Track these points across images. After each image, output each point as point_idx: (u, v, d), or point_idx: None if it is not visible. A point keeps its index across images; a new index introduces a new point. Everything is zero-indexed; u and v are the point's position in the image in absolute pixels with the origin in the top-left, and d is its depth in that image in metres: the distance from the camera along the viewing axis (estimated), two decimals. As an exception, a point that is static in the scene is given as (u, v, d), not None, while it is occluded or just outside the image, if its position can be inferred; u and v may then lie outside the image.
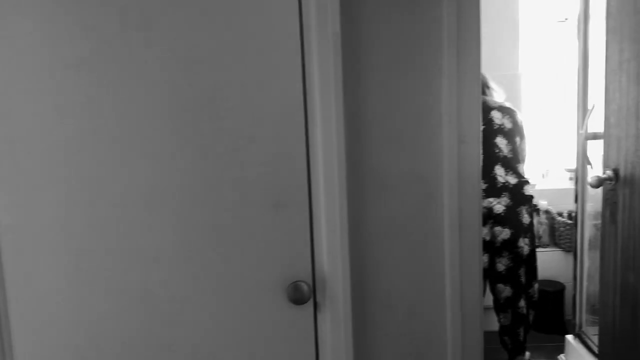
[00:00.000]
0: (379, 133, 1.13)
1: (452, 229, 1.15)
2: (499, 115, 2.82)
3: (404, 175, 1.14)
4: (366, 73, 1.11)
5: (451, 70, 1.09)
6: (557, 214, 3.62)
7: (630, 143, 1.82)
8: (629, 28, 1.79)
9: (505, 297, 2.81)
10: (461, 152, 1.12)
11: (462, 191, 1.14)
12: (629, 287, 1.88)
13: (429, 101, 1.12)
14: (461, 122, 1.11)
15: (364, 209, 1.15)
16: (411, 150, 1.13)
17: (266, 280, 1.15)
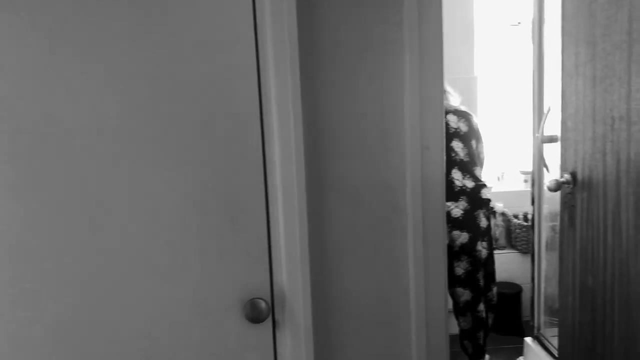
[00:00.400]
0: (340, 141, 1.07)
1: (416, 237, 1.10)
2: (455, 118, 2.81)
3: (367, 184, 1.08)
4: (325, 79, 1.05)
5: (413, 74, 1.04)
6: (513, 216, 3.66)
7: (588, 146, 1.82)
8: (585, 31, 1.79)
9: (465, 301, 2.80)
10: (424, 159, 1.07)
11: (426, 198, 1.09)
12: (588, 289, 1.88)
13: (392, 107, 1.07)
14: (424, 128, 1.06)
15: (325, 220, 1.09)
16: (374, 158, 1.08)
17: (221, 298, 1.08)
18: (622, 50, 1.62)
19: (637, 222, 1.61)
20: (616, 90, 1.66)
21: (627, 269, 1.67)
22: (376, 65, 1.06)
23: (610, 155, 1.71)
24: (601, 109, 1.74)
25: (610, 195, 1.73)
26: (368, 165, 1.08)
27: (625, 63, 1.61)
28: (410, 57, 1.04)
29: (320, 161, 1.07)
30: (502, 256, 3.58)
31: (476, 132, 2.89)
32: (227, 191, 1.04)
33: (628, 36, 1.60)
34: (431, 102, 1.06)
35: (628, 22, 1.60)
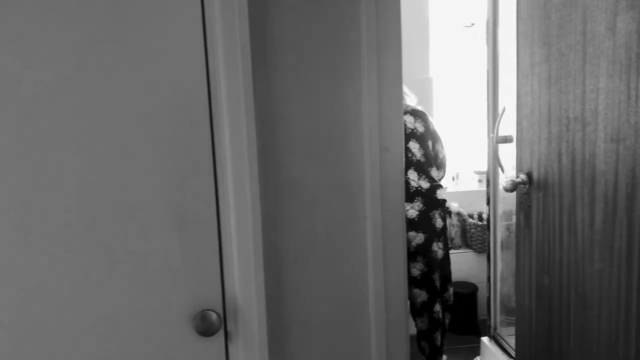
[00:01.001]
0: (295, 142, 1.01)
1: (375, 241, 1.05)
2: (412, 119, 2.80)
3: (325, 187, 1.03)
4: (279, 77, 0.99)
5: (371, 73, 1.00)
6: (468, 215, 3.68)
7: (543, 147, 1.82)
8: (540, 31, 1.79)
9: (422, 302, 2.79)
10: (384, 161, 1.03)
11: (385, 201, 1.05)
12: (544, 290, 1.89)
13: (349, 107, 1.02)
14: (383, 129, 1.02)
15: (280, 225, 1.03)
16: (331, 160, 1.02)
17: (169, 311, 1.00)
18: (577, 50, 1.63)
19: (592, 222, 1.62)
20: (571, 90, 1.66)
21: (583, 269, 1.68)
22: (333, 64, 1.01)
23: (565, 156, 1.72)
24: (556, 109, 1.74)
25: (566, 196, 1.73)
26: (326, 168, 1.03)
27: (580, 63, 1.62)
28: (368, 56, 1.00)
29: (275, 163, 1.01)
30: (457, 256, 3.60)
31: (433, 132, 2.88)
32: (174, 196, 0.97)
33: (582, 37, 1.60)
34: (390, 102, 1.02)
35: (582, 23, 1.60)
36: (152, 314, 1.00)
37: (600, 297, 1.62)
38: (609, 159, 1.53)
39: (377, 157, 1.02)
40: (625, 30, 1.44)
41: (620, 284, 1.54)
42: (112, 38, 0.93)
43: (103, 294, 0.98)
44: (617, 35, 1.47)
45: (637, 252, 1.47)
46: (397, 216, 1.06)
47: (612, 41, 1.49)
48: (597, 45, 1.55)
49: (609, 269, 1.57)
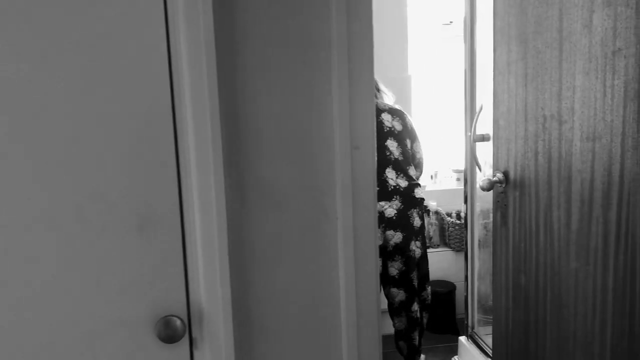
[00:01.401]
0: (263, 140, 0.97)
1: (346, 241, 1.02)
2: (389, 117, 2.77)
3: (294, 187, 0.99)
4: (246, 73, 0.95)
5: (342, 70, 0.96)
6: (446, 214, 3.67)
7: (520, 145, 1.81)
8: (516, 28, 1.78)
9: (399, 301, 2.77)
10: (355, 159, 0.99)
11: (356, 201, 1.01)
12: (521, 289, 1.87)
13: (319, 104, 0.98)
14: (354, 127, 0.98)
15: (247, 227, 0.99)
16: (300, 158, 0.98)
17: (130, 317, 0.96)
18: (553, 48, 1.61)
19: (569, 222, 1.60)
20: (547, 88, 1.65)
21: (559, 269, 1.67)
22: (302, 60, 0.97)
23: (542, 154, 1.70)
24: (533, 107, 1.72)
25: (542, 195, 1.72)
26: (295, 167, 0.99)
27: (556, 61, 1.60)
28: (338, 52, 0.96)
29: (242, 162, 0.97)
30: (435, 254, 3.59)
31: (411, 131, 2.86)
32: (134, 196, 0.92)
33: (559, 34, 1.59)
34: (361, 99, 0.98)
35: (559, 20, 1.58)
36: (112, 320, 0.95)
37: (576, 297, 1.61)
38: (585, 158, 1.52)
39: (348, 155, 0.98)
40: (601, 28, 1.43)
41: (596, 284, 1.53)
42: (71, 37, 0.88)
43: (58, 299, 0.93)
44: (593, 33, 1.46)
45: (613, 252, 1.45)
46: (369, 216, 1.02)
47: (588, 38, 1.48)
48: (573, 42, 1.53)
49: (585, 269, 1.56)
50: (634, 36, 1.33)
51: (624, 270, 1.43)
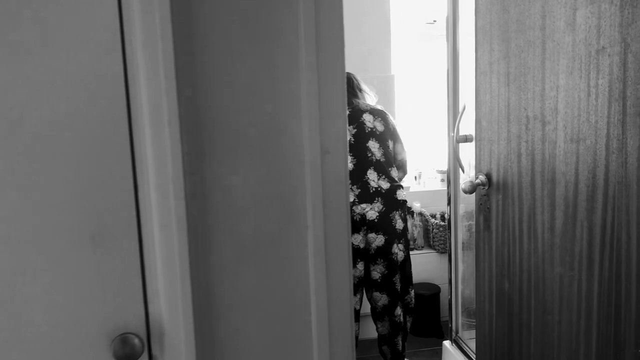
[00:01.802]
0: (227, 144, 0.90)
1: (317, 252, 0.95)
2: (371, 118, 2.72)
3: (260, 194, 0.93)
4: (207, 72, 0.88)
5: (310, 68, 0.90)
6: (431, 215, 3.63)
7: (502, 147, 1.76)
8: (498, 27, 1.73)
9: (382, 306, 2.72)
10: (325, 164, 0.93)
11: (327, 207, 0.95)
12: (504, 295, 1.83)
13: (286, 105, 0.91)
14: (324, 129, 0.92)
15: (210, 237, 0.92)
16: (267, 163, 0.92)
17: (83, 335, 0.89)
18: (536, 46, 1.56)
19: (553, 225, 1.56)
20: (530, 88, 1.60)
21: (543, 274, 1.62)
22: (269, 57, 0.90)
23: (525, 156, 1.65)
24: (515, 108, 1.67)
25: (526, 198, 1.67)
26: (261, 173, 0.92)
27: (539, 60, 1.55)
28: (306, 49, 0.90)
29: (204, 168, 0.90)
30: (420, 256, 3.55)
31: (393, 131, 2.81)
32: (85, 206, 0.85)
33: (541, 32, 1.54)
34: (332, 100, 0.92)
35: (541, 18, 1.53)
36: (64, 339, 0.88)
37: (560, 303, 1.56)
38: (569, 160, 1.47)
39: (319, 160, 0.92)
40: (584, 26, 1.38)
41: (581, 289, 1.48)
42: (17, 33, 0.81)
43: (7, 316, 0.85)
44: (577, 31, 1.41)
45: (598, 257, 1.41)
46: (341, 224, 0.96)
47: (571, 37, 1.43)
48: (556, 41, 1.48)
49: (570, 274, 1.51)
50: (618, 34, 1.28)
51: (609, 276, 1.38)
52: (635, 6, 1.23)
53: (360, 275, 2.66)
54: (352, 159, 2.64)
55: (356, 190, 2.60)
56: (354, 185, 2.61)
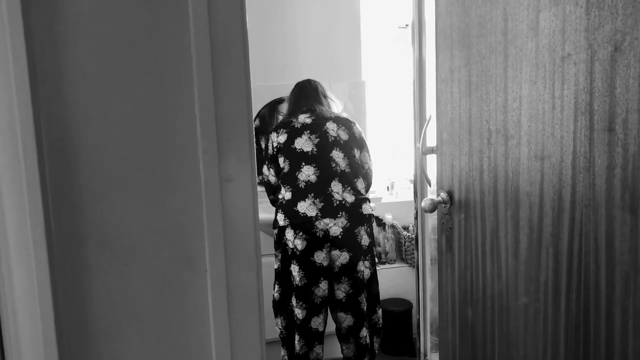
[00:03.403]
0: (103, 172, 0.74)
1: (218, 300, 0.79)
2: (334, 126, 2.57)
3: (147, 231, 0.76)
4: (77, 86, 0.72)
5: (205, 79, 0.73)
6: (403, 228, 3.47)
7: (464, 162, 1.61)
8: (459, 31, 1.58)
9: (347, 327, 2.55)
10: (227, 194, 0.77)
11: (231, 245, 0.79)
12: (467, 323, 1.67)
13: (176, 126, 0.75)
14: (224, 153, 0.76)
15: (84, 285, 0.75)
16: (154, 194, 0.76)
17: None
18: (498, 52, 1.42)
19: (517, 250, 1.41)
20: (492, 99, 1.45)
21: (507, 304, 1.47)
22: (154, 70, 0.74)
23: (487, 173, 1.50)
24: (477, 120, 1.52)
25: (489, 219, 1.52)
26: (147, 204, 0.76)
27: (501, 68, 1.41)
28: (198, 58, 0.73)
29: (73, 200, 0.73)
30: (391, 271, 3.39)
31: (359, 140, 2.66)
32: None
33: (503, 37, 1.39)
34: (233, 117, 0.76)
35: (503, 21, 1.39)
36: None
37: (525, 336, 1.41)
38: (533, 179, 1.33)
39: (218, 189, 0.76)
40: (548, 30, 1.24)
41: (546, 323, 1.33)
42: None
43: None
44: (540, 35, 1.26)
45: (565, 288, 1.26)
46: (249, 264, 0.80)
47: (534, 42, 1.28)
48: (519, 46, 1.34)
49: (535, 305, 1.36)
50: (584, 39, 1.14)
51: (577, 310, 1.23)
52: (602, 8, 1.09)
53: (323, 295, 2.50)
54: (315, 170, 2.48)
55: (319, 203, 2.44)
56: (316, 199, 2.45)
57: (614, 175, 1.10)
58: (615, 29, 1.06)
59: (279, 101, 3.34)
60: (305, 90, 2.73)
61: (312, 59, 3.43)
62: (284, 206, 2.48)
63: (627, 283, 1.09)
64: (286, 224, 2.46)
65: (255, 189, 0.79)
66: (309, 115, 2.60)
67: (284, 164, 2.55)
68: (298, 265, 2.45)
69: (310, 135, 2.53)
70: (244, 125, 0.76)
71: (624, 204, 1.08)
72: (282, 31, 3.38)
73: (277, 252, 2.57)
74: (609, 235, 1.12)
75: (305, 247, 2.42)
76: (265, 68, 3.36)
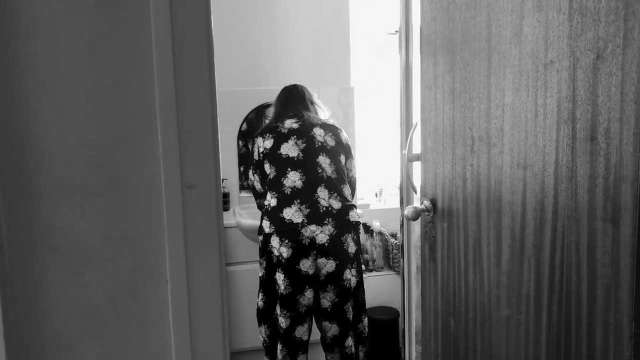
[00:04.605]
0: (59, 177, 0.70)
1: (179, 312, 0.75)
2: (322, 132, 2.54)
3: (104, 239, 0.73)
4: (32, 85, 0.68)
5: (166, 81, 0.70)
6: (391, 235, 3.44)
7: (447, 170, 1.58)
8: (443, 37, 1.55)
9: (332, 336, 2.52)
10: (189, 202, 0.73)
11: (194, 255, 0.75)
12: (450, 334, 1.64)
13: (138, 131, 0.72)
14: (186, 159, 0.73)
15: (40, 296, 0.72)
16: (113, 202, 0.72)
17: None
18: (481, 59, 1.39)
19: (499, 261, 1.38)
20: (476, 106, 1.43)
21: (489, 315, 1.44)
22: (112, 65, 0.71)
23: (470, 181, 1.48)
24: (460, 127, 1.50)
25: (471, 228, 1.49)
26: (105, 213, 0.72)
27: (485, 74, 1.38)
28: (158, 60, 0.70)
29: (29, 208, 0.70)
30: (379, 279, 3.36)
31: (345, 147, 2.63)
32: None
33: (487, 43, 1.37)
34: (196, 119, 0.72)
35: (487, 27, 1.36)
36: None
37: (507, 349, 1.38)
38: (515, 188, 1.30)
39: (179, 196, 0.73)
40: (532, 36, 1.21)
41: (528, 336, 1.30)
42: None
43: None
44: (524, 42, 1.24)
45: (546, 300, 1.23)
46: (212, 277, 0.76)
47: (518, 49, 1.26)
48: (502, 53, 1.31)
49: (517, 317, 1.33)
50: (567, 47, 1.11)
51: (559, 323, 1.20)
52: (584, 15, 1.06)
53: (308, 303, 2.46)
54: (301, 176, 2.44)
55: (305, 210, 2.41)
56: (302, 205, 2.41)
57: (595, 185, 1.07)
58: (597, 37, 1.04)
59: (267, 106, 3.31)
60: (292, 95, 2.70)
61: (301, 64, 3.40)
62: (270, 213, 2.45)
63: (608, 297, 1.06)
64: (272, 231, 2.42)
65: (219, 197, 0.75)
66: (296, 120, 2.57)
67: (269, 170, 2.51)
68: (283, 274, 2.41)
69: (296, 141, 2.50)
70: (207, 130, 0.73)
71: (605, 215, 1.06)
72: (271, 35, 3.35)
73: (262, 259, 2.53)
74: (591, 247, 1.10)
75: (291, 255, 2.38)
76: (254, 72, 3.33)
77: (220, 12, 3.22)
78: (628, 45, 0.98)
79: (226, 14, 3.26)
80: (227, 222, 3.03)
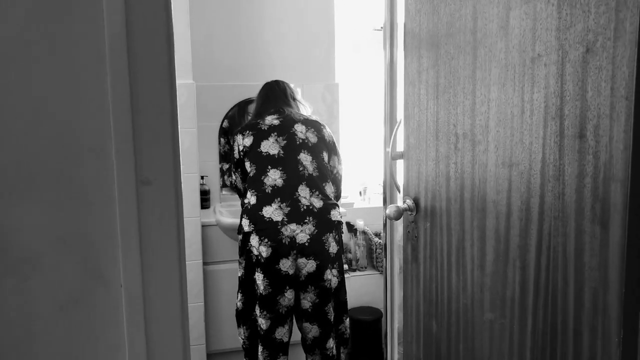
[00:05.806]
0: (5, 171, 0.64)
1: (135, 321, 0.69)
2: (303, 128, 2.48)
3: (49, 240, 0.66)
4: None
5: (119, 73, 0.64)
6: (375, 234, 3.39)
7: (430, 168, 1.53)
8: (427, 30, 1.50)
9: (313, 338, 2.46)
10: (144, 200, 0.67)
11: (149, 261, 0.69)
12: (432, 337, 1.59)
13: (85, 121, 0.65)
14: (140, 152, 0.66)
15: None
16: (58, 198, 0.66)
17: None
18: (467, 53, 1.34)
19: (483, 262, 1.33)
20: (460, 102, 1.37)
21: (472, 318, 1.39)
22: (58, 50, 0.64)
23: (454, 180, 1.42)
24: (444, 124, 1.44)
25: (455, 228, 1.44)
26: (49, 210, 0.66)
27: (470, 69, 1.33)
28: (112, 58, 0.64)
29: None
30: (362, 278, 3.31)
31: (328, 143, 2.57)
32: None
33: (473, 36, 1.31)
34: (155, 115, 0.66)
35: (472, 20, 1.31)
36: None
37: (490, 354, 1.33)
38: (500, 187, 1.25)
39: (134, 193, 0.66)
40: (519, 29, 1.16)
41: (512, 341, 1.25)
42: None
43: None
44: (510, 35, 1.19)
45: (532, 304, 1.18)
46: (172, 279, 0.70)
47: (504, 42, 1.21)
48: (488, 47, 1.26)
49: (501, 321, 1.28)
50: (555, 40, 1.06)
51: (544, 328, 1.15)
52: (573, 6, 1.01)
53: (289, 304, 2.40)
54: (282, 174, 2.38)
55: (285, 208, 2.34)
56: (283, 203, 2.35)
57: (584, 185, 1.02)
58: (587, 29, 0.99)
59: (249, 102, 3.24)
60: (273, 91, 2.64)
61: (284, 59, 3.34)
62: (249, 211, 2.38)
63: (595, 301, 1.01)
64: (251, 229, 2.35)
65: (179, 193, 0.69)
66: (277, 116, 2.51)
67: (250, 168, 2.45)
68: (262, 274, 2.34)
69: (277, 138, 2.43)
70: (166, 121, 0.66)
71: (594, 216, 1.01)
72: (254, 30, 3.28)
73: (241, 258, 2.46)
74: (578, 250, 1.05)
75: (271, 255, 2.32)
76: (236, 67, 3.26)
77: (203, 7, 3.14)
78: (619, 37, 0.92)
79: (209, 8, 3.18)
80: (208, 220, 2.96)
